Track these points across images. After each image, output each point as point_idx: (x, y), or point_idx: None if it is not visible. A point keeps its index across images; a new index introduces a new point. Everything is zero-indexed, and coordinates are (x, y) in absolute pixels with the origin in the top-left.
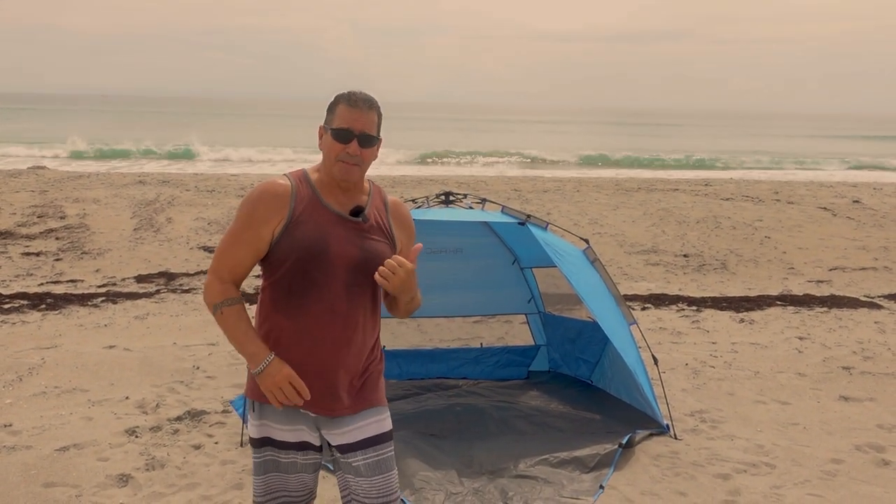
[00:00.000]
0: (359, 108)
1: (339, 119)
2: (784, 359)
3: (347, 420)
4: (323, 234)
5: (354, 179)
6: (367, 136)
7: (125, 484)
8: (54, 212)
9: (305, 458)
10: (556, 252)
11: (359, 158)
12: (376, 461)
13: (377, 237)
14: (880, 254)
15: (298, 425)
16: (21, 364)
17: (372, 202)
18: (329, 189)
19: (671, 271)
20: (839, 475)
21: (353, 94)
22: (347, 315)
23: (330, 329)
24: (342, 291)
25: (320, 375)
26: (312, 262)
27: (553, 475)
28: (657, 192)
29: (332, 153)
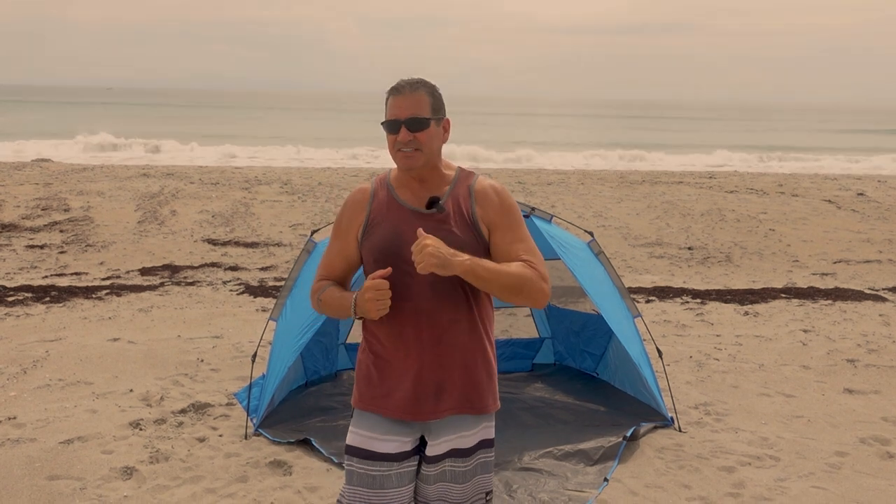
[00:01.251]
0: (402, 94)
1: (388, 111)
2: (788, 351)
3: (448, 426)
4: (397, 232)
5: (419, 165)
6: (415, 119)
7: (129, 476)
8: (58, 204)
9: (400, 468)
10: (561, 245)
11: (416, 143)
12: (452, 471)
13: (457, 228)
14: (885, 246)
15: (395, 435)
16: (25, 357)
17: (453, 190)
18: (406, 184)
19: (675, 264)
20: (844, 468)
21: (397, 83)
22: (434, 312)
23: (419, 329)
24: (426, 289)
25: (416, 378)
26: (390, 262)
27: (557, 468)
28: (661, 184)
29: (390, 146)
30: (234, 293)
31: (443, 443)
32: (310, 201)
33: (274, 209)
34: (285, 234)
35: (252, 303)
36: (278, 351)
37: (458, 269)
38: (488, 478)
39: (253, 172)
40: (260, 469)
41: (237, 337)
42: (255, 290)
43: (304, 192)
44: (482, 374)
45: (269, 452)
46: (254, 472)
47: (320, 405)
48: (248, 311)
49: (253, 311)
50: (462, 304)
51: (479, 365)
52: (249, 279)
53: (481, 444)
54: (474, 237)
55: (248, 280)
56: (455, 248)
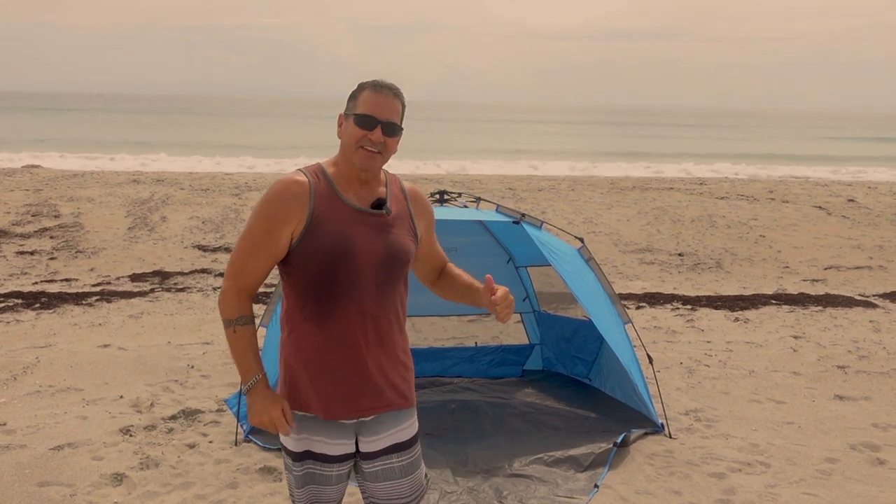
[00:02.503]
0: (384, 95)
1: (363, 105)
2: (779, 358)
3: (383, 423)
4: (346, 233)
5: (376, 169)
6: (391, 125)
7: (119, 483)
8: (49, 210)
9: (340, 468)
10: (551, 251)
11: (382, 146)
12: (411, 462)
13: (401, 230)
14: (875, 252)
15: (335, 438)
16: (15, 363)
17: (390, 192)
18: (347, 183)
19: (666, 270)
20: (834, 474)
21: (378, 81)
22: (379, 315)
23: (363, 332)
24: (372, 291)
25: (356, 379)
26: (338, 263)
27: (548, 474)
28: (652, 190)
29: (354, 139)
30: None
31: (383, 438)
32: None
33: None
34: None
35: None
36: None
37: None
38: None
39: (243, 179)
40: (250, 475)
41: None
42: None
43: None
44: (409, 370)
45: (259, 459)
46: (244, 478)
47: None
48: None
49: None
50: (397, 307)
51: (408, 361)
52: None
53: (416, 436)
54: (413, 240)
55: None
56: (399, 251)
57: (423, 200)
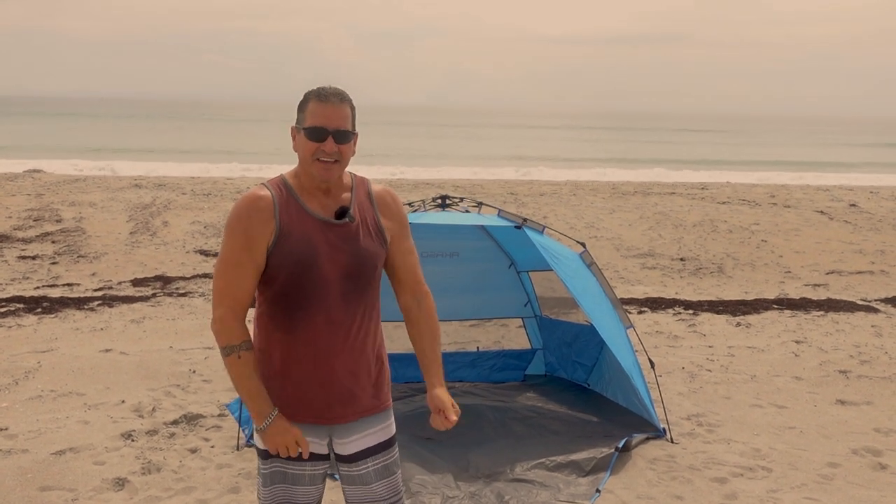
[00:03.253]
0: (330, 103)
1: (311, 117)
2: (781, 362)
3: (356, 427)
4: (311, 244)
5: (335, 177)
6: (342, 132)
7: (121, 488)
8: (50, 215)
9: (314, 468)
10: (553, 256)
11: (337, 155)
12: (385, 465)
13: (366, 237)
14: (877, 257)
15: (312, 438)
16: (17, 368)
17: (356, 198)
18: (310, 193)
19: (668, 275)
20: (836, 479)
21: (322, 90)
22: (346, 323)
23: (331, 339)
24: (338, 300)
25: (326, 386)
26: (304, 275)
27: (549, 479)
28: (654, 195)
29: (308, 153)
30: None
31: (356, 440)
32: None
33: None
34: None
35: None
36: None
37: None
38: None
39: (245, 183)
40: (252, 480)
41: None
42: None
43: None
44: (383, 375)
45: None
46: (246, 483)
47: None
48: None
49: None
50: (367, 312)
51: (380, 367)
52: None
53: (393, 439)
54: (381, 246)
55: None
56: (366, 259)
57: (392, 203)
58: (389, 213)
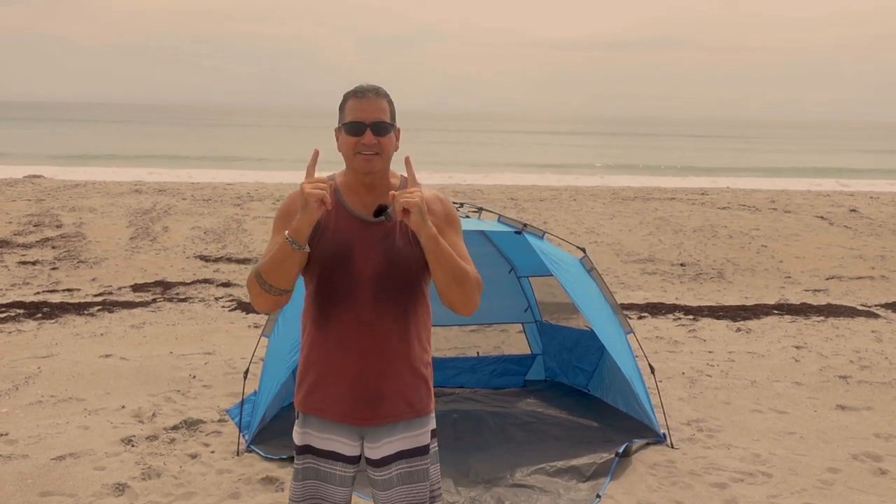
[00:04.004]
0: (367, 98)
1: (350, 113)
2: (781, 368)
3: (386, 432)
4: (346, 241)
5: (377, 170)
6: (381, 124)
7: (121, 493)
8: (50, 220)
9: (344, 469)
10: (553, 261)
11: (377, 147)
12: (409, 472)
13: (402, 237)
14: (877, 263)
15: (334, 435)
16: (17, 373)
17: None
18: (354, 191)
19: (668, 280)
20: (836, 484)
21: (358, 87)
22: (375, 323)
23: (359, 339)
24: (369, 300)
25: (354, 385)
26: (337, 271)
27: (550, 484)
28: (654, 200)
29: (349, 148)
30: (226, 309)
31: (385, 445)
32: None
33: (266, 225)
34: None
35: (244, 319)
36: (270, 367)
37: (428, 230)
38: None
39: (245, 189)
40: (252, 485)
41: (229, 353)
42: (248, 306)
43: None
44: (419, 380)
45: (261, 469)
46: (246, 488)
47: None
48: (240, 328)
49: (245, 327)
50: (401, 315)
51: (415, 372)
52: (242, 295)
53: (425, 448)
54: (418, 246)
55: (241, 296)
56: (398, 259)
57: (438, 205)
58: (434, 213)
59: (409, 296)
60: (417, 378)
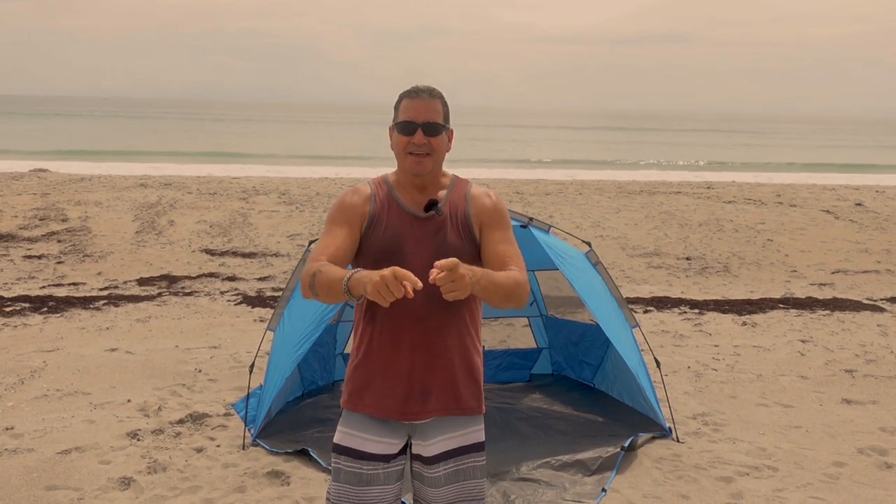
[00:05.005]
0: (420, 98)
1: (403, 113)
2: (786, 362)
3: (436, 428)
4: (397, 235)
5: (427, 171)
6: (432, 125)
7: (127, 487)
8: (56, 214)
9: (388, 468)
10: (559, 255)
11: (428, 147)
12: (456, 470)
13: (453, 232)
14: (883, 256)
15: (381, 436)
16: (23, 367)
17: (450, 195)
18: (406, 189)
19: (673, 274)
20: (842, 478)
21: (414, 87)
22: (427, 318)
23: (410, 333)
24: (421, 295)
25: (404, 380)
26: (389, 264)
27: (555, 478)
28: (659, 194)
29: (401, 147)
30: (231, 303)
31: (436, 443)
32: (307, 211)
33: (272, 219)
34: (283, 244)
35: (250, 313)
36: (276, 361)
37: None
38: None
39: (251, 182)
40: (258, 479)
41: (235, 347)
42: (253, 300)
43: (302, 202)
44: (469, 377)
45: (266, 463)
46: (251, 482)
47: (318, 416)
48: (245, 322)
49: (251, 321)
50: (453, 311)
51: (466, 368)
52: (247, 289)
53: (477, 446)
54: (467, 241)
55: (246, 290)
56: (449, 253)
57: (484, 201)
58: (483, 207)
59: None
60: (469, 374)
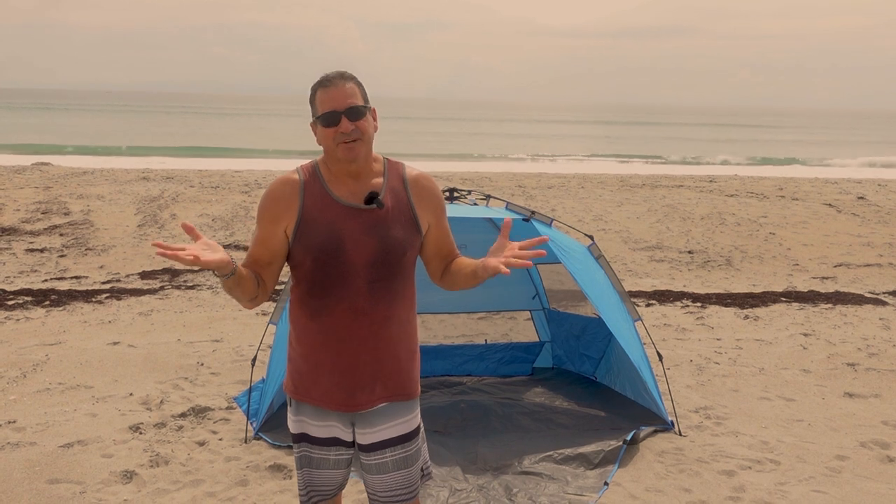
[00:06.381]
0: (334, 86)
1: (321, 104)
2: (789, 355)
3: (379, 417)
4: (335, 231)
5: (361, 156)
6: (354, 108)
7: (129, 480)
8: (58, 208)
9: (338, 454)
10: (561, 248)
11: (357, 132)
12: (403, 457)
13: (396, 224)
14: (885, 250)
15: (330, 422)
16: (25, 360)
17: (388, 183)
18: (339, 179)
19: (676, 268)
20: (844, 472)
21: (324, 77)
22: (371, 311)
23: (354, 328)
24: (363, 288)
25: (348, 374)
26: (329, 262)
27: (557, 472)
28: (662, 188)
29: (329, 140)
30: None
31: (378, 431)
32: None
33: None
34: None
35: None
36: (278, 355)
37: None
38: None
39: (253, 176)
40: (260, 473)
41: (237, 341)
42: None
43: None
44: (412, 362)
45: (269, 456)
46: (254, 475)
47: None
48: (247, 315)
49: (253, 314)
50: (395, 301)
51: (409, 353)
52: None
53: (415, 432)
54: (413, 233)
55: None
56: (395, 246)
57: (428, 187)
58: (427, 201)
59: (401, 280)
60: (411, 360)
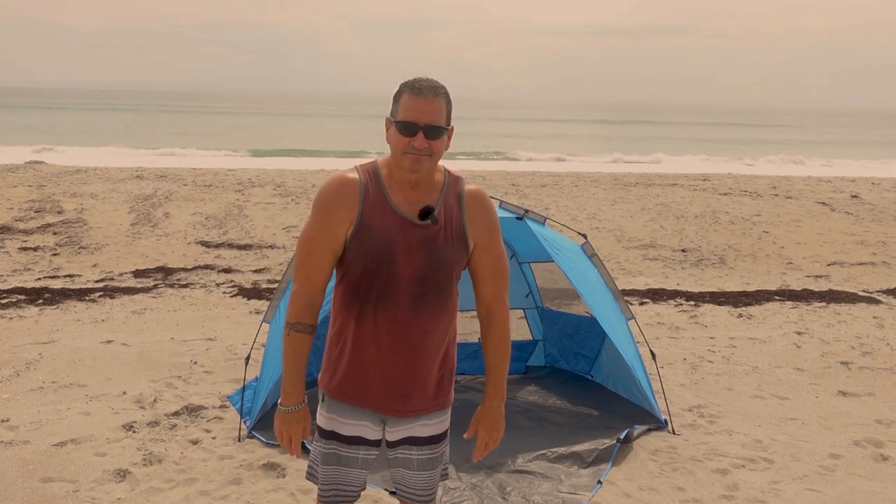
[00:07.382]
0: (424, 97)
1: (404, 110)
2: (782, 354)
3: (410, 420)
4: (389, 243)
5: (424, 171)
6: (434, 128)
7: (123, 479)
8: (52, 206)
9: (367, 452)
10: (554, 247)
11: (428, 150)
12: (430, 458)
13: (446, 242)
14: (878, 248)
15: (363, 421)
16: (18, 359)
17: (444, 199)
18: (398, 185)
19: (669, 266)
20: (837, 470)
21: (417, 82)
22: (412, 325)
23: (394, 338)
24: (407, 301)
25: (385, 380)
26: (378, 271)
27: (551, 470)
28: (655, 186)
29: (399, 146)
30: (227, 295)
31: (405, 429)
32: (303, 203)
33: (267, 211)
34: (279, 237)
35: (245, 305)
36: (272, 353)
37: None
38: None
39: (246, 175)
40: (253, 471)
41: (231, 339)
42: (249, 292)
43: (298, 195)
44: (447, 375)
45: (262, 455)
46: (247, 474)
47: (313, 408)
48: (241, 314)
49: (246, 313)
50: (437, 316)
51: (444, 368)
52: (243, 281)
53: (443, 435)
54: (462, 252)
55: (242, 282)
56: (442, 264)
57: (482, 206)
58: (480, 222)
59: (446, 296)
60: (447, 372)
